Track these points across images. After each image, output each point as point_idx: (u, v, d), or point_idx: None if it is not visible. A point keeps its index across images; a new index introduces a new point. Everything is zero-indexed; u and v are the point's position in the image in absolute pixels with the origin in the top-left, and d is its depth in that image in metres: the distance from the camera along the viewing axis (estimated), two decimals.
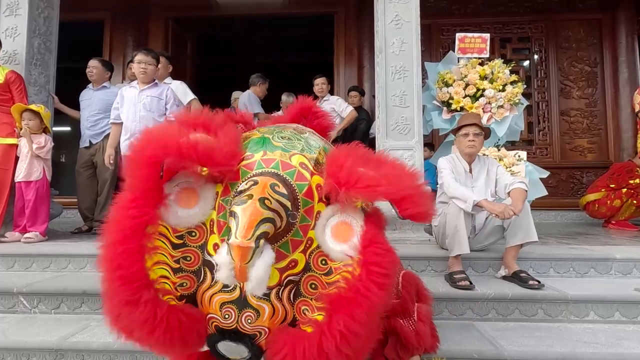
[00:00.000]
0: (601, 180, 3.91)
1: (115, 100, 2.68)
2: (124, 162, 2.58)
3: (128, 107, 2.59)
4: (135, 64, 2.58)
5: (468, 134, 2.15)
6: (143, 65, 2.58)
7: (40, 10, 3.20)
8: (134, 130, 2.54)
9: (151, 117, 2.56)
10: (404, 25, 2.88)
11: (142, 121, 2.53)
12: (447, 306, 1.87)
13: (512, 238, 2.02)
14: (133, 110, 2.56)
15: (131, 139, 2.53)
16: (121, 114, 2.62)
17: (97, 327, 1.74)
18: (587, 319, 1.82)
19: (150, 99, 2.59)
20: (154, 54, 2.69)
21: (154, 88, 2.63)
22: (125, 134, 2.59)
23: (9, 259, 2.32)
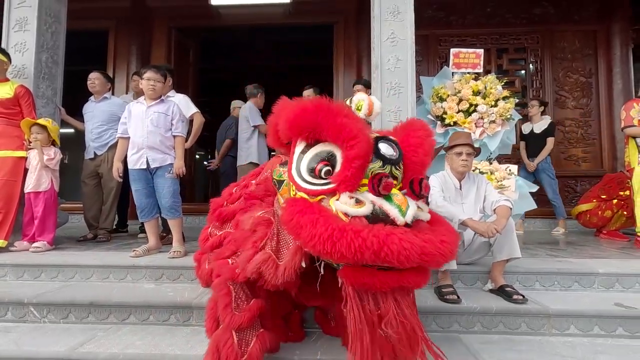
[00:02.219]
0: (593, 191, 4.00)
1: (123, 115, 2.76)
2: (130, 176, 2.69)
3: (136, 123, 2.66)
4: (145, 81, 2.66)
5: (461, 153, 2.25)
6: (152, 82, 2.66)
7: (48, 25, 3.31)
8: (141, 145, 2.63)
9: (158, 132, 2.64)
10: (399, 42, 2.98)
11: (150, 136, 2.63)
12: (435, 319, 1.96)
13: (498, 254, 2.12)
14: (141, 125, 2.64)
15: (138, 153, 2.64)
16: (129, 129, 2.69)
17: (104, 337, 1.85)
18: (568, 333, 1.91)
19: (158, 115, 2.66)
20: (162, 71, 2.77)
21: (161, 104, 2.71)
22: (132, 148, 2.66)
23: (19, 268, 2.43)
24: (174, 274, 2.37)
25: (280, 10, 5.26)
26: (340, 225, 1.08)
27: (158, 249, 2.73)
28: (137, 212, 2.69)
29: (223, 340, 1.33)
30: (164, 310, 2.02)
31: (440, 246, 1.11)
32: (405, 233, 1.08)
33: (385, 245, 1.04)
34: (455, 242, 1.18)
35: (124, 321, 2.02)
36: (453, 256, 1.17)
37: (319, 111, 1.22)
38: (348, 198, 1.17)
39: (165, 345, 1.75)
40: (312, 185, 1.24)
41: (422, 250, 1.07)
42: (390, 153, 1.24)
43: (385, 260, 1.05)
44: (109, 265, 2.41)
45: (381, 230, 1.07)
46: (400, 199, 1.18)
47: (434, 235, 1.14)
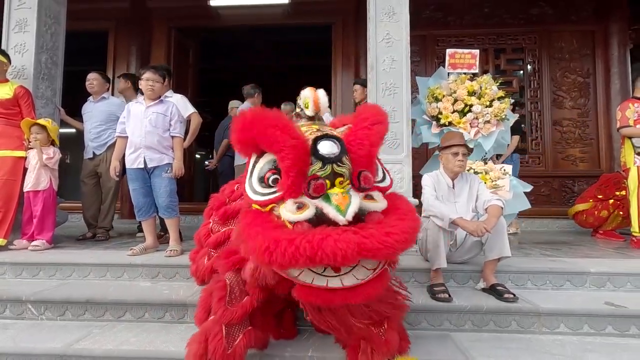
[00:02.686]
0: (589, 191, 4.01)
1: (122, 115, 2.79)
2: (128, 175, 2.72)
3: (134, 123, 2.68)
4: (144, 82, 2.68)
5: (458, 153, 2.27)
6: (151, 82, 2.68)
7: (48, 26, 3.35)
8: (139, 144, 2.66)
9: (156, 132, 2.67)
10: (395, 43, 2.99)
11: (148, 136, 2.65)
12: (426, 317, 1.99)
13: (489, 253, 2.14)
14: (139, 125, 2.66)
15: (136, 152, 2.67)
16: (127, 128, 2.71)
17: (99, 334, 1.88)
18: (558, 331, 1.93)
19: (156, 115, 2.69)
20: (161, 72, 2.80)
21: (159, 105, 2.73)
22: (130, 147, 2.69)
23: (18, 267, 2.47)
24: (170, 273, 2.40)
25: (279, 10, 5.29)
26: (275, 236, 1.12)
27: (155, 248, 2.76)
28: (135, 211, 2.73)
29: (213, 332, 1.36)
30: (159, 308, 2.05)
31: (385, 239, 1.09)
32: (342, 233, 1.09)
33: (319, 249, 1.06)
34: (408, 229, 1.15)
35: (120, 318, 2.05)
36: (406, 244, 1.14)
37: (253, 124, 1.25)
38: (292, 204, 1.20)
39: (160, 342, 1.78)
40: (262, 195, 1.27)
41: (360, 247, 1.07)
42: (329, 152, 1.22)
43: (322, 263, 1.08)
44: (106, 263, 2.44)
45: (316, 234, 1.09)
46: (339, 198, 1.18)
47: (379, 228, 1.13)
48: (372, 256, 1.11)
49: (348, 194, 1.20)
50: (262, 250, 1.10)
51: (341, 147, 1.24)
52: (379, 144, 1.29)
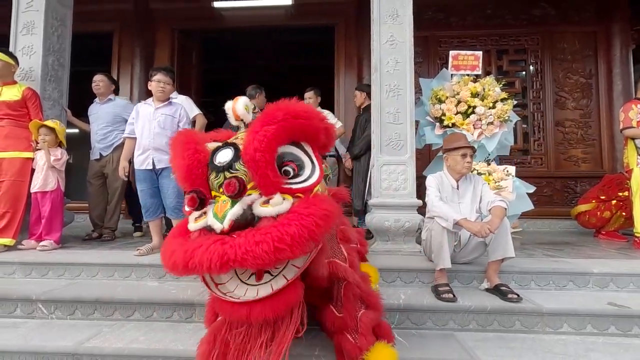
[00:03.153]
0: (592, 192, 4.02)
1: (130, 116, 2.81)
2: (136, 176, 2.75)
3: (143, 124, 2.71)
4: (154, 83, 2.70)
5: (466, 155, 2.30)
6: (162, 84, 2.71)
7: (55, 28, 3.39)
8: (147, 146, 2.69)
9: (165, 134, 2.69)
10: (399, 45, 3.02)
11: (157, 138, 2.68)
12: (431, 317, 2.01)
13: (493, 253, 2.16)
14: (148, 127, 2.69)
15: (145, 154, 2.70)
16: (136, 129, 2.73)
17: (109, 332, 1.91)
18: (561, 331, 1.95)
19: (165, 117, 2.72)
20: (172, 74, 2.82)
21: (168, 107, 2.76)
22: (139, 149, 2.72)
23: (27, 266, 2.50)
24: None
25: (281, 12, 5.31)
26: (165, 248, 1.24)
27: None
28: (142, 212, 2.76)
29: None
30: (167, 308, 2.08)
31: (252, 248, 1.06)
32: (211, 243, 1.10)
33: (190, 258, 1.10)
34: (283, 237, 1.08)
35: (129, 318, 2.08)
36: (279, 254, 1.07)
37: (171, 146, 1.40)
38: (195, 214, 1.27)
39: (168, 341, 1.81)
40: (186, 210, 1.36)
41: (223, 257, 1.06)
42: (220, 160, 1.26)
43: (195, 271, 1.11)
44: (114, 263, 2.48)
45: (193, 244, 1.14)
46: (219, 206, 1.19)
47: (249, 237, 1.10)
48: (240, 265, 1.09)
49: (230, 201, 1.18)
50: (162, 257, 1.23)
51: (234, 153, 1.25)
52: (265, 148, 1.19)
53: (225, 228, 1.14)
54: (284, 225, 1.10)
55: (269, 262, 1.08)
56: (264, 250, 1.06)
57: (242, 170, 1.23)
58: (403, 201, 2.84)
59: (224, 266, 1.07)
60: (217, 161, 1.26)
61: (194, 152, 1.30)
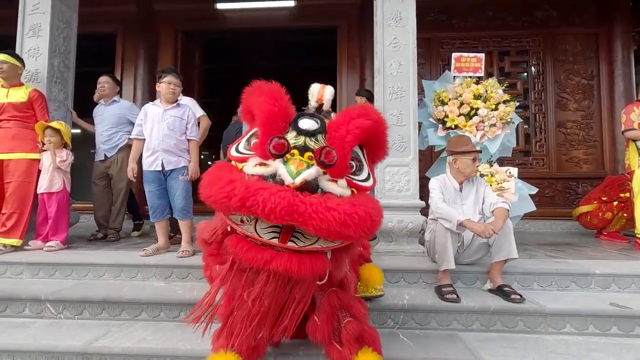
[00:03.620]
0: (594, 193, 4.04)
1: (138, 117, 2.82)
2: (144, 177, 2.77)
3: (152, 125, 2.72)
4: (164, 85, 2.72)
5: (476, 159, 2.33)
6: (172, 86, 2.73)
7: (60, 30, 3.41)
8: (156, 147, 2.70)
9: (174, 136, 2.72)
10: (402, 47, 3.04)
11: (166, 140, 2.70)
12: (435, 317, 2.03)
13: (496, 254, 2.18)
14: (157, 128, 2.70)
15: (154, 155, 2.72)
16: (144, 131, 2.74)
17: (117, 332, 1.94)
18: (564, 331, 1.98)
19: (174, 119, 2.73)
20: (180, 76, 2.84)
21: (177, 108, 2.78)
22: (147, 150, 2.73)
23: (35, 267, 2.53)
24: (182, 273, 2.46)
25: (284, 13, 5.34)
26: (219, 174, 1.19)
27: (167, 249, 2.82)
28: (149, 212, 2.78)
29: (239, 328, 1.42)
30: (174, 308, 2.10)
31: (323, 212, 1.08)
32: (281, 190, 1.11)
33: (252, 195, 1.09)
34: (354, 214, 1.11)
35: (136, 318, 2.11)
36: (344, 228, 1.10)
37: (249, 93, 1.39)
38: (255, 161, 1.28)
39: (176, 341, 1.84)
40: (240, 154, 1.38)
41: (292, 207, 1.06)
42: (307, 127, 1.29)
43: (251, 210, 1.09)
44: (121, 264, 2.50)
45: (257, 183, 1.14)
46: (295, 163, 1.21)
47: (322, 201, 1.11)
48: (302, 222, 1.08)
49: (307, 165, 1.22)
50: (204, 184, 1.19)
51: (320, 125, 1.30)
52: (357, 134, 1.29)
53: (297, 184, 1.16)
54: (354, 205, 1.15)
55: (332, 231, 1.09)
56: (334, 217, 1.08)
57: (322, 143, 1.28)
58: (406, 202, 2.86)
59: (289, 216, 1.07)
60: (302, 125, 1.29)
61: (285, 105, 1.31)
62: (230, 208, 1.14)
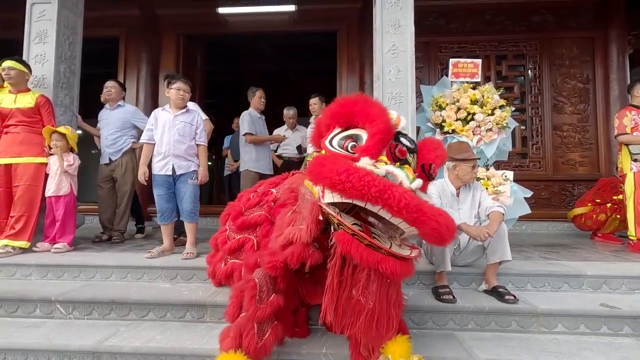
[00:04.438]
0: (588, 195, 4.12)
1: (149, 122, 2.89)
2: (154, 181, 2.83)
3: (162, 131, 2.79)
4: (174, 91, 2.79)
5: (475, 166, 2.41)
6: (182, 92, 2.81)
7: (66, 37, 3.48)
8: (167, 152, 2.78)
9: (183, 141, 2.80)
10: (400, 54, 3.12)
11: (176, 145, 2.77)
12: (432, 317, 2.11)
13: (491, 256, 2.26)
14: (168, 134, 2.78)
15: (164, 160, 2.79)
16: (155, 136, 2.81)
17: (126, 332, 2.01)
18: (555, 331, 2.05)
19: (184, 124, 2.81)
20: (189, 82, 2.91)
21: (186, 114, 2.85)
22: (158, 155, 2.80)
23: (43, 268, 2.60)
24: (187, 275, 2.53)
25: (285, 17, 5.42)
26: (356, 166, 1.30)
27: (171, 251, 2.89)
28: (158, 215, 2.85)
29: (247, 329, 1.50)
30: (180, 308, 2.17)
31: (436, 215, 1.24)
32: (408, 190, 1.27)
33: (389, 189, 1.21)
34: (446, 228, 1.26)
35: (143, 318, 2.18)
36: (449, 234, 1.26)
37: (356, 103, 1.49)
38: (368, 160, 1.38)
39: (183, 340, 1.91)
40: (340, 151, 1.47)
41: (419, 207, 1.21)
42: (407, 144, 1.47)
43: (386, 202, 1.20)
44: (127, 265, 2.58)
45: (387, 180, 1.28)
46: (410, 171, 1.39)
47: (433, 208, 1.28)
48: (421, 222, 1.22)
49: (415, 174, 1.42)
50: (341, 171, 1.25)
51: (415, 146, 1.54)
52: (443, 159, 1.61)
53: (413, 188, 1.33)
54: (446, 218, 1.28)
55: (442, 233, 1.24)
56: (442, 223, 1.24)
57: (414, 160, 1.51)
58: None
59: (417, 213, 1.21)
60: (405, 143, 1.47)
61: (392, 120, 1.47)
62: (366, 197, 1.23)
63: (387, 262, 1.28)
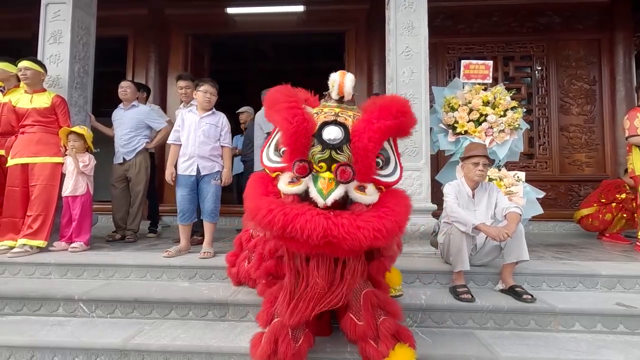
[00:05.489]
0: (593, 196, 4.18)
1: (176, 123, 2.93)
2: (178, 181, 2.85)
3: (188, 132, 2.84)
4: (201, 93, 2.84)
5: (478, 163, 2.43)
6: (208, 95, 2.85)
7: (80, 37, 3.50)
8: (192, 153, 2.82)
9: (209, 142, 2.84)
10: (414, 56, 3.15)
11: (202, 146, 2.82)
12: (451, 316, 2.14)
13: (508, 256, 2.30)
14: (193, 135, 2.82)
15: (190, 160, 2.83)
16: (181, 137, 2.86)
17: (150, 330, 2.04)
18: (573, 329, 2.09)
19: (209, 126, 2.85)
20: (216, 85, 2.95)
21: (212, 116, 2.90)
22: (183, 155, 2.84)
23: (63, 267, 2.63)
24: (206, 274, 2.56)
25: (293, 18, 5.44)
26: (259, 203, 1.30)
27: (188, 250, 2.92)
28: (178, 216, 2.88)
29: (282, 335, 1.50)
30: (202, 307, 2.20)
31: (353, 231, 1.20)
32: (316, 215, 1.22)
33: (291, 222, 1.21)
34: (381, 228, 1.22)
35: (166, 316, 2.21)
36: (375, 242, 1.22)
37: (269, 105, 1.45)
38: (288, 177, 1.36)
39: (208, 338, 1.94)
40: (272, 162, 1.45)
41: (326, 232, 1.19)
42: (331, 138, 1.31)
43: (291, 236, 1.22)
44: (146, 264, 2.60)
45: (294, 209, 1.25)
46: (324, 183, 1.29)
47: (352, 220, 1.23)
48: (337, 243, 1.22)
49: (335, 182, 1.30)
50: (249, 212, 1.31)
51: (344, 135, 1.32)
52: (379, 139, 1.31)
53: (329, 204, 1.28)
54: (382, 218, 1.25)
55: (364, 246, 1.22)
56: (364, 235, 1.21)
57: (347, 153, 1.32)
58: (419, 206, 2.95)
59: (325, 239, 1.20)
60: (327, 137, 1.31)
61: (302, 120, 1.30)
62: (273, 233, 1.28)
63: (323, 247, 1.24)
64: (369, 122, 1.33)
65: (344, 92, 1.43)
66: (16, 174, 3.01)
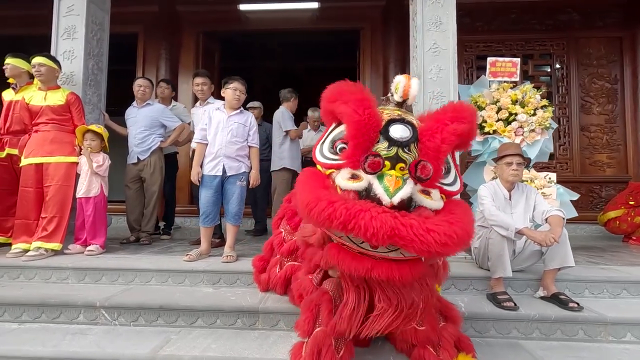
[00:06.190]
0: (620, 198, 4.06)
1: (202, 121, 2.82)
2: (203, 182, 2.73)
3: (216, 131, 2.73)
4: (231, 91, 2.74)
5: (512, 163, 2.31)
6: (238, 92, 2.75)
7: (94, 33, 3.39)
8: (219, 153, 2.71)
9: (235, 142, 2.74)
10: (442, 52, 3.04)
11: (229, 146, 2.71)
12: (494, 326, 2.03)
13: (550, 262, 2.18)
14: (221, 134, 2.72)
15: (216, 160, 2.71)
16: (208, 136, 2.75)
17: (178, 340, 1.92)
18: (625, 340, 1.98)
19: (237, 125, 2.75)
20: (245, 83, 2.85)
21: (240, 115, 2.79)
22: (209, 155, 2.73)
23: (80, 272, 2.52)
24: (231, 279, 2.45)
25: (307, 15, 5.33)
26: (318, 195, 1.18)
27: (208, 253, 2.81)
28: (201, 217, 2.76)
29: (325, 344, 1.41)
30: (230, 315, 2.09)
31: (423, 234, 1.10)
32: (382, 212, 1.12)
33: (354, 218, 1.10)
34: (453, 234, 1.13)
35: (192, 325, 2.09)
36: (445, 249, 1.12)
37: (334, 97, 1.35)
38: (348, 173, 1.27)
39: (240, 349, 1.82)
40: (327, 159, 1.35)
41: (393, 231, 1.09)
42: (399, 135, 1.25)
43: (353, 233, 1.11)
44: (168, 269, 2.49)
45: (357, 205, 1.14)
46: (391, 180, 1.20)
47: (421, 221, 1.13)
48: (403, 245, 1.12)
49: (402, 180, 1.22)
50: (304, 204, 1.18)
51: (413, 133, 1.26)
52: (452, 142, 1.27)
53: (395, 204, 1.17)
54: (452, 224, 1.15)
55: (433, 252, 1.11)
56: (435, 239, 1.10)
57: (415, 153, 1.25)
58: None
59: (391, 239, 1.10)
60: (396, 135, 1.25)
61: (371, 114, 1.24)
62: (332, 229, 1.16)
63: (380, 268, 1.19)
64: (442, 123, 1.27)
65: (409, 94, 1.39)
66: (30, 174, 2.90)
